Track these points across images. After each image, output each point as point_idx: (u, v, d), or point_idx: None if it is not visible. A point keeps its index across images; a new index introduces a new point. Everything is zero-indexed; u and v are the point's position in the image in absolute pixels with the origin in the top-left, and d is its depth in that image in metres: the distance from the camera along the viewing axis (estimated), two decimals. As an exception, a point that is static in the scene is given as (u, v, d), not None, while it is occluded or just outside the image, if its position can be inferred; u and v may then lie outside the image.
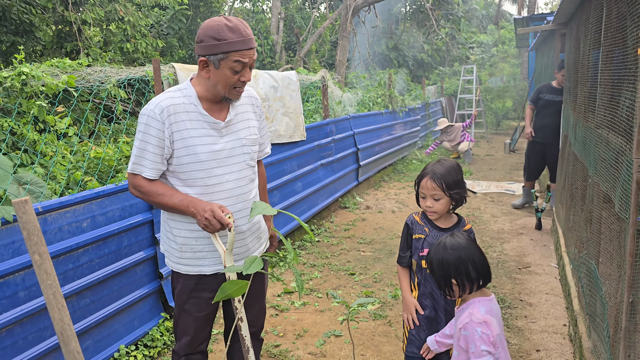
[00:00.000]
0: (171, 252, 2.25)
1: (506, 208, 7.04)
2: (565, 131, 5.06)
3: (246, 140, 2.24)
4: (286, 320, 3.82)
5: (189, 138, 2.09)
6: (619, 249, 2.32)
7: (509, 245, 5.50)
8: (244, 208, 2.23)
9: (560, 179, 5.49)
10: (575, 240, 3.78)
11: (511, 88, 21.43)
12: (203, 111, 2.13)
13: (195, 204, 2.03)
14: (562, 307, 4.03)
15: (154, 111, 2.06)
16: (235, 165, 2.20)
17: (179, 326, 2.30)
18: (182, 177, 2.12)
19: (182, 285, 2.25)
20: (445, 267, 2.07)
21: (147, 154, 2.07)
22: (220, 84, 2.09)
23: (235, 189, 2.20)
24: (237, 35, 2.02)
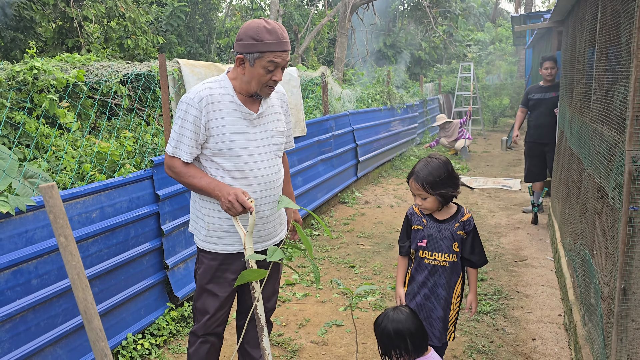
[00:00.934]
0: (199, 230, 2.39)
1: (503, 203, 7.14)
2: (562, 127, 5.16)
3: (275, 132, 2.39)
4: (288, 311, 3.90)
5: (224, 126, 2.25)
6: (612, 238, 2.42)
7: (506, 239, 5.60)
8: (270, 195, 2.36)
9: (556, 174, 5.59)
10: (571, 232, 3.87)
11: (508, 86, 21.55)
12: (238, 101, 2.28)
13: (220, 188, 2.18)
14: (558, 298, 4.13)
15: (193, 100, 2.22)
16: (264, 154, 2.34)
17: (199, 306, 2.42)
18: (217, 160, 2.27)
19: (207, 265, 2.37)
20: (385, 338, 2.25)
21: (184, 139, 2.23)
22: (254, 80, 2.24)
23: (264, 177, 2.33)
24: (273, 37, 2.16)
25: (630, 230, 2.16)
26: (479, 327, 3.64)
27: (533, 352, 3.34)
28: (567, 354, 3.31)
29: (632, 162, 2.11)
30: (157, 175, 3.49)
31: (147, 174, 3.42)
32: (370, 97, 9.15)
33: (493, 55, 29.22)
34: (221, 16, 17.81)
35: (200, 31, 14.59)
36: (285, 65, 2.26)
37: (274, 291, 2.64)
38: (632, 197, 2.14)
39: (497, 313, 3.86)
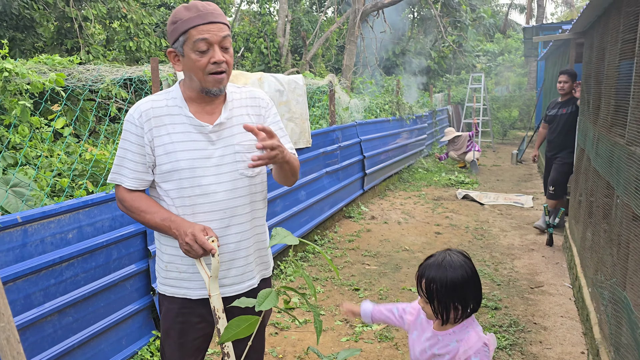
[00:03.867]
0: (158, 271, 2.04)
1: (515, 222, 6.80)
2: (582, 145, 4.83)
3: (240, 147, 1.95)
4: (286, 340, 3.58)
5: (170, 144, 1.87)
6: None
7: (520, 262, 5.26)
8: (237, 224, 1.94)
9: (575, 195, 5.25)
10: (596, 262, 3.54)
11: (517, 97, 21.21)
12: (188, 113, 1.89)
13: (177, 225, 1.81)
14: (579, 332, 3.79)
15: (133, 115, 1.89)
16: (225, 174, 1.92)
17: (165, 354, 2.06)
18: (165, 187, 1.90)
19: (167, 308, 2.01)
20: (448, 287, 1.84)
21: (126, 162, 1.89)
22: (193, 72, 1.84)
23: (225, 202, 1.91)
24: (193, 12, 1.81)
25: (686, 277, 1.83)
26: (494, 365, 3.31)
27: (555, 398, 3.00)
28: (593, 401, 2.97)
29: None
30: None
31: (133, 189, 3.11)
32: (378, 107, 8.85)
33: (502, 66, 28.93)
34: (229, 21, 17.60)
35: (207, 35, 14.33)
36: (221, 42, 1.83)
37: (260, 343, 2.19)
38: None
39: (514, 348, 3.52)
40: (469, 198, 8.12)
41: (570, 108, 5.93)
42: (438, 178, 9.68)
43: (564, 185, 6.03)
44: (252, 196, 2.00)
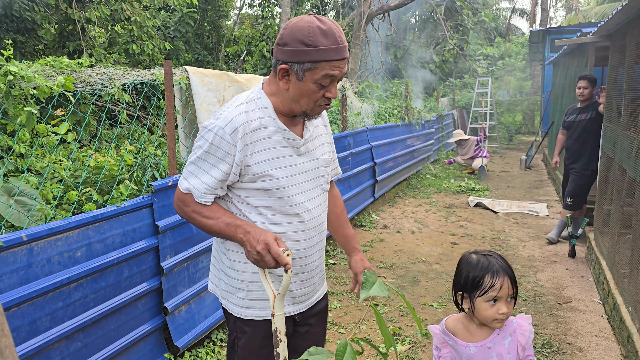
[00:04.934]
0: (232, 293, 1.81)
1: (532, 231, 6.58)
2: (611, 153, 4.61)
3: (322, 161, 1.86)
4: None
5: (267, 161, 1.71)
6: None
7: (544, 275, 5.03)
8: (319, 241, 1.87)
9: (601, 204, 5.03)
10: (637, 280, 3.31)
11: (521, 102, 21.05)
12: (282, 126, 1.73)
13: (246, 230, 1.63)
14: (617, 353, 3.56)
15: (224, 130, 1.66)
16: (312, 190, 1.82)
17: None
18: (255, 203, 1.74)
19: (251, 334, 1.80)
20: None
21: (205, 176, 1.69)
22: (303, 99, 1.67)
23: (314, 220, 1.82)
24: (331, 41, 1.61)
25: None
26: (532, 391, 3.08)
27: None
28: None
29: None
30: (158, 203, 2.96)
31: (145, 201, 2.89)
32: (387, 112, 8.64)
33: (502, 70, 28.81)
34: (230, 24, 17.38)
35: (209, 38, 14.14)
36: (341, 77, 1.69)
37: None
38: None
39: (550, 372, 3.30)
40: (482, 206, 7.90)
41: (590, 114, 5.73)
42: (447, 185, 9.47)
43: (583, 196, 5.82)
44: (327, 211, 1.96)
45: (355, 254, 2.05)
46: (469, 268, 1.80)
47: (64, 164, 3.61)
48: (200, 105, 3.56)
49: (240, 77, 4.00)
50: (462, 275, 1.81)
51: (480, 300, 1.75)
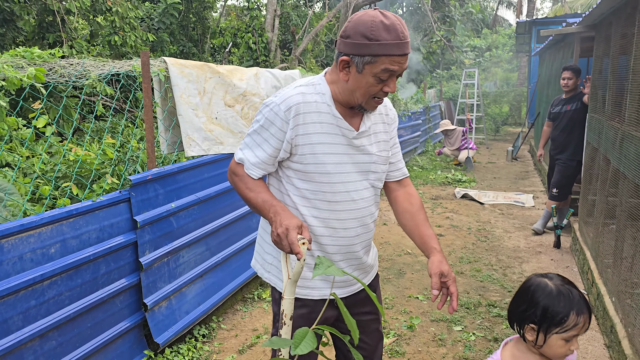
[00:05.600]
0: (278, 267, 1.90)
1: (518, 222, 6.59)
2: (595, 144, 4.61)
3: (377, 157, 1.88)
4: (289, 357, 3.31)
5: (317, 144, 1.77)
6: None
7: (529, 266, 5.04)
8: (364, 233, 1.90)
9: (586, 195, 5.04)
10: (624, 270, 3.31)
11: (507, 93, 21.11)
12: (337, 114, 1.78)
13: (277, 211, 1.67)
14: (600, 343, 3.56)
15: (279, 107, 1.74)
16: (360, 182, 1.85)
17: None
18: (300, 185, 1.81)
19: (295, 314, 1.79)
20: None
21: (258, 150, 1.78)
22: (360, 91, 1.72)
23: (359, 210, 1.86)
24: (393, 36, 1.64)
25: None
26: (516, 382, 3.07)
27: (585, 419, 2.77)
28: (626, 423, 2.74)
29: None
30: (136, 197, 2.89)
31: (123, 196, 2.82)
32: (373, 104, 8.58)
33: (489, 62, 28.87)
34: (216, 16, 17.19)
35: (194, 30, 13.97)
36: (402, 73, 1.72)
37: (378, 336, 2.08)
38: None
39: (535, 363, 3.28)
40: (468, 197, 7.90)
41: (575, 105, 5.73)
42: (434, 176, 9.46)
43: (568, 187, 5.83)
44: (377, 206, 1.96)
45: (433, 254, 1.90)
46: (548, 301, 1.59)
47: (44, 158, 3.52)
48: (180, 97, 3.49)
49: (221, 68, 3.93)
50: (539, 308, 1.59)
51: (557, 337, 1.57)
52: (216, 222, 3.65)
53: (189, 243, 3.34)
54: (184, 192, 3.34)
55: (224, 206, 3.76)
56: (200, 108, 3.64)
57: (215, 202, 3.67)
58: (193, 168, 3.43)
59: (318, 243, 1.84)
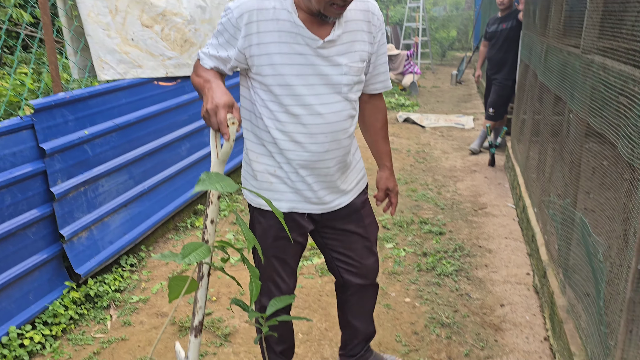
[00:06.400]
0: (247, 180, 1.93)
1: (457, 143, 6.68)
2: (527, 60, 4.62)
3: (348, 68, 1.76)
4: (220, 281, 3.31)
5: (276, 54, 1.68)
6: (621, 202, 1.91)
7: (463, 184, 5.15)
8: (335, 148, 1.82)
9: (518, 113, 5.11)
10: (543, 182, 3.41)
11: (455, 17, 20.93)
12: (298, 21, 1.67)
13: (211, 87, 1.60)
14: (524, 252, 3.72)
15: (233, 13, 1.68)
16: (329, 95, 1.76)
17: (266, 276, 1.97)
18: (263, 96, 1.74)
19: (265, 225, 1.90)
20: None
21: (213, 49, 1.75)
22: None
23: (326, 125, 1.77)
24: None
25: (657, 196, 1.64)
26: (440, 292, 3.18)
27: (503, 322, 2.91)
28: (540, 322, 2.90)
29: (669, 106, 1.55)
30: (41, 123, 2.70)
31: (25, 122, 2.63)
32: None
33: (439, -14, 28.40)
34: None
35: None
36: None
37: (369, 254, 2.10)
38: (662, 153, 1.60)
39: (460, 274, 3.41)
40: (410, 121, 7.93)
41: (510, 23, 5.69)
42: (378, 102, 9.42)
43: (504, 107, 5.90)
44: (352, 120, 1.87)
45: (383, 170, 2.09)
46: None
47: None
48: (87, 16, 3.22)
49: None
50: None
51: None
52: (139, 150, 3.50)
53: (108, 172, 3.20)
54: (99, 119, 3.16)
55: (146, 133, 3.60)
56: (113, 28, 3.39)
57: (137, 129, 3.50)
58: (108, 93, 3.23)
59: (284, 157, 1.80)
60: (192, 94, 4.19)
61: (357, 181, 2.01)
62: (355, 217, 2.01)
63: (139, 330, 2.81)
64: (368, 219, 2.07)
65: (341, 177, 1.91)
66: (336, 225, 1.98)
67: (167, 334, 2.79)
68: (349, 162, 1.93)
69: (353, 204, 1.98)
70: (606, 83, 2.06)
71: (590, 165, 2.43)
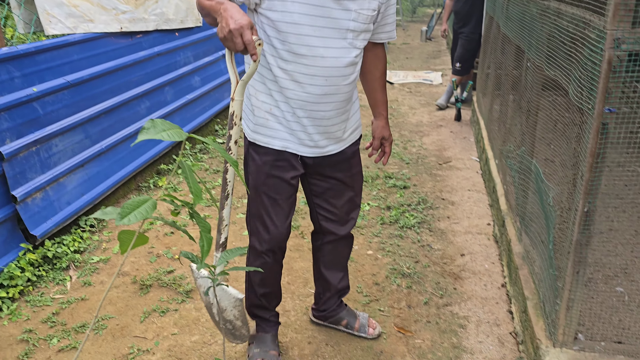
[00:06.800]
0: (247, 114, 1.94)
1: (424, 99, 6.67)
2: (491, 12, 4.58)
3: (357, 14, 1.74)
4: (183, 239, 3.28)
5: None
6: (572, 147, 1.92)
7: (429, 138, 5.17)
8: (333, 93, 1.82)
9: (482, 66, 5.10)
10: (504, 133, 3.43)
11: (427, -28, 20.59)
12: None
13: (226, 8, 1.53)
14: (486, 204, 3.77)
15: None
16: (334, 40, 1.75)
17: (255, 213, 2.01)
18: (269, 32, 1.73)
19: (259, 161, 1.93)
20: None
21: None
22: None
23: (328, 69, 1.77)
24: None
25: (602, 139, 1.65)
26: (403, 244, 3.22)
27: (462, 271, 2.97)
28: (498, 270, 2.97)
29: (615, 46, 1.55)
30: None
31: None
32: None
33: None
34: None
35: None
36: None
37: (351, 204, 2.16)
38: (608, 94, 1.60)
39: (422, 226, 3.45)
40: (379, 78, 7.86)
41: None
42: (347, 59, 9.30)
43: (471, 61, 5.88)
44: (354, 68, 1.86)
45: (379, 119, 2.13)
46: None
47: None
48: (31, -34, 3.05)
49: None
50: None
51: None
52: (94, 108, 3.39)
53: (62, 131, 3.10)
54: (49, 75, 3.03)
55: (102, 91, 3.48)
56: (60, -21, 3.22)
57: (92, 86, 3.38)
58: (57, 48, 3.10)
59: (283, 95, 1.81)
60: (150, 51, 4.06)
61: (352, 131, 2.03)
62: (344, 165, 2.05)
63: (100, 290, 2.79)
64: (355, 169, 2.11)
65: (337, 123, 1.92)
66: (325, 172, 2.02)
67: (128, 292, 2.77)
68: (346, 110, 1.94)
69: (344, 152, 2.01)
70: (560, 28, 2.05)
71: (547, 116, 2.44)
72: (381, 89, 2.11)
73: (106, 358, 2.30)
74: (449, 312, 2.61)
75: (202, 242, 1.32)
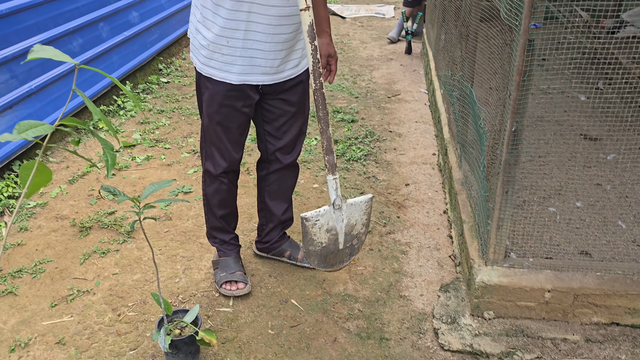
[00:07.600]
0: (198, 49, 1.94)
1: (376, 33, 6.55)
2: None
3: None
4: (125, 181, 3.19)
5: None
6: (502, 66, 1.91)
7: (379, 72, 5.11)
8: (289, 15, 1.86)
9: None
10: (448, 61, 3.40)
11: None
12: None
13: None
14: (432, 134, 3.80)
15: None
16: None
17: (208, 138, 2.07)
18: None
19: (212, 91, 1.95)
20: None
21: None
22: None
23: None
24: None
25: (529, 55, 1.64)
26: (349, 177, 3.22)
27: (406, 200, 3.01)
28: (441, 198, 3.02)
29: (539, -42, 1.51)
30: None
31: None
32: None
33: None
34: None
35: None
36: None
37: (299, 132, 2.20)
38: (534, 10, 1.58)
39: (369, 158, 3.45)
40: (330, 12, 7.66)
41: None
42: (298, -7, 8.99)
43: None
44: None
45: (323, 37, 2.08)
46: None
47: None
48: None
49: None
50: None
51: None
52: (17, 47, 3.18)
53: (-16, 70, 2.91)
54: (-38, 9, 2.80)
55: (24, 27, 3.26)
56: None
57: (11, 23, 3.15)
58: (-31, -21, 2.85)
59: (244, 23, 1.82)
60: (79, -17, 3.80)
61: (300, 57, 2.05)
62: (299, 89, 2.09)
63: (37, 235, 2.71)
64: (307, 95, 2.16)
65: (295, 44, 1.96)
66: (280, 95, 2.05)
67: (67, 235, 2.70)
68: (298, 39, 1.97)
69: (300, 77, 2.06)
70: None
71: (485, 42, 2.41)
72: (323, 6, 2.08)
73: (45, 301, 2.26)
74: (392, 240, 2.66)
75: (105, 157, 1.32)
